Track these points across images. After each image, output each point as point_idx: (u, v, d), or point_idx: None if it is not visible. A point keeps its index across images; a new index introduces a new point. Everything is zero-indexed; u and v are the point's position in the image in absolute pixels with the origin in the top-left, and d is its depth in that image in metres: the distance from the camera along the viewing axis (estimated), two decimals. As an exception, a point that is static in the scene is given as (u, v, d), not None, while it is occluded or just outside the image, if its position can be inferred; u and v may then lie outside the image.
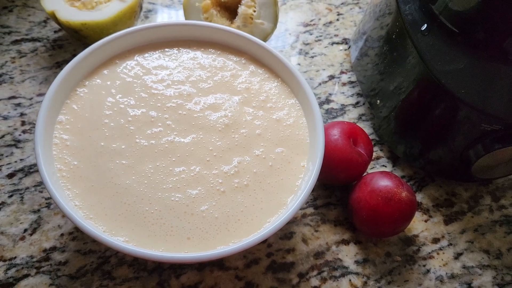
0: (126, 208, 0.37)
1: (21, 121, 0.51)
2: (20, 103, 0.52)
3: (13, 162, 0.48)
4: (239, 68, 0.46)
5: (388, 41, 0.51)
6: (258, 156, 0.41)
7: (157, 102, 0.43)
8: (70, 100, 0.42)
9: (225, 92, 0.45)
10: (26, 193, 0.46)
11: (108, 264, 0.43)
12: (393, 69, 0.50)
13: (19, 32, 0.58)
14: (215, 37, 0.47)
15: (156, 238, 0.36)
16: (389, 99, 0.52)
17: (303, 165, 0.41)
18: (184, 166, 0.40)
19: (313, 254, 0.46)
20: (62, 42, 0.57)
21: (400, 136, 0.52)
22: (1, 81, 0.53)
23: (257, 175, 0.40)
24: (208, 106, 0.43)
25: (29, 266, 0.42)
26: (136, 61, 0.45)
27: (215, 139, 0.42)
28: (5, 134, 0.50)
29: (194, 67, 0.46)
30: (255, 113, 0.44)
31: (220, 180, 0.39)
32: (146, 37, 0.46)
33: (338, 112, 0.56)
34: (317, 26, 0.64)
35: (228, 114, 0.43)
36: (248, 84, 0.45)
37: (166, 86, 0.44)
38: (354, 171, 0.47)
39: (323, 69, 0.60)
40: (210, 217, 0.38)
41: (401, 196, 0.44)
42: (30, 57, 0.56)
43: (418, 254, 0.47)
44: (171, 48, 0.47)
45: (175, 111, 0.43)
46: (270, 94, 0.45)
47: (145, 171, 0.39)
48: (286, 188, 0.40)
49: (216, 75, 0.46)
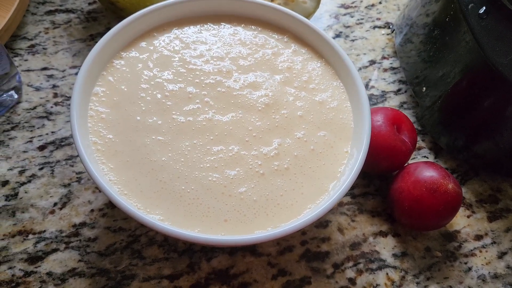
0: (161, 185, 0.36)
1: (53, 93, 0.50)
2: (52, 74, 0.51)
3: (44, 134, 0.47)
4: (281, 46, 0.44)
5: (439, 25, 0.48)
6: (299, 138, 0.39)
7: (195, 78, 0.41)
8: (106, 72, 0.41)
9: (266, 70, 0.43)
10: (56, 166, 0.45)
11: (138, 243, 0.42)
12: (443, 54, 0.48)
13: (53, 2, 0.56)
14: (257, 13, 0.45)
15: (192, 218, 0.35)
16: (435, 87, 0.49)
17: (346, 151, 0.39)
18: (222, 145, 0.38)
19: (349, 245, 0.44)
20: (97, 15, 0.56)
21: (445, 127, 0.50)
22: (35, 51, 0.52)
23: (298, 159, 0.38)
24: (248, 84, 0.41)
25: (58, 240, 0.41)
26: (174, 35, 0.44)
27: (254, 118, 0.40)
28: (37, 105, 0.49)
29: (234, 43, 0.44)
30: (296, 94, 0.42)
31: (259, 162, 0.38)
32: (185, 10, 0.44)
33: (379, 99, 0.54)
34: (358, 8, 0.61)
35: (268, 94, 0.41)
36: (290, 63, 0.43)
37: (205, 61, 0.42)
38: (397, 159, 0.45)
39: (364, 53, 0.57)
40: (248, 200, 0.36)
41: (447, 188, 0.41)
42: (64, 29, 0.54)
43: (460, 250, 0.45)
44: (211, 23, 0.45)
45: (214, 88, 0.41)
46: (313, 75, 0.43)
47: (181, 149, 0.37)
48: (328, 174, 0.38)
49: (257, 53, 0.43)
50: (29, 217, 0.42)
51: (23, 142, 0.46)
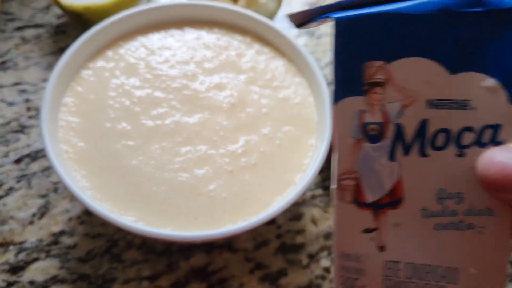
0: (133, 188, 0.37)
1: (26, 107, 0.51)
2: (25, 89, 0.52)
3: (20, 148, 0.48)
4: (244, 47, 0.46)
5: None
6: (265, 135, 0.41)
7: (162, 83, 0.43)
8: (74, 82, 0.42)
9: (230, 71, 0.44)
10: (33, 178, 0.46)
11: (116, 247, 0.43)
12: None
13: (22, 19, 0.57)
14: (219, 16, 0.47)
15: (164, 218, 0.36)
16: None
17: (311, 144, 0.41)
18: (190, 146, 0.39)
19: (323, 235, 0.45)
20: (65, 28, 0.57)
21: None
22: (6, 67, 0.53)
23: (265, 154, 0.40)
24: (214, 86, 0.43)
25: (38, 249, 0.42)
26: (139, 42, 0.45)
27: (221, 118, 0.41)
28: (11, 120, 0.49)
29: (198, 47, 0.45)
30: (261, 92, 0.43)
31: (227, 160, 0.39)
32: (150, 18, 0.46)
33: (346, 92, 0.55)
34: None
35: (234, 94, 0.43)
36: (253, 63, 0.45)
37: (171, 66, 0.44)
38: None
39: (330, 49, 0.59)
40: (217, 197, 0.37)
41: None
42: (34, 44, 0.55)
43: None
44: (175, 29, 0.46)
45: (180, 92, 0.42)
46: (276, 73, 0.44)
47: (151, 152, 0.39)
48: (295, 166, 0.40)
49: (221, 55, 0.45)
50: (9, 229, 0.43)
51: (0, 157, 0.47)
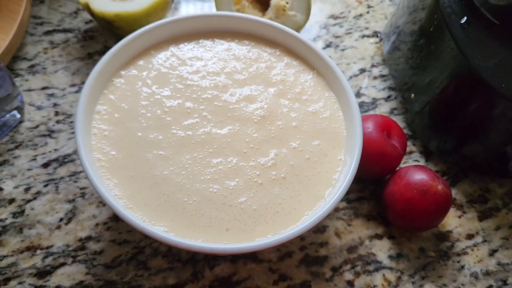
0: (165, 198, 0.37)
1: (54, 111, 0.51)
2: (53, 93, 0.52)
3: (47, 152, 0.48)
4: (274, 59, 0.46)
5: (424, 34, 0.50)
6: (295, 148, 0.41)
7: (193, 93, 0.43)
8: (107, 90, 0.42)
9: (260, 83, 0.44)
10: (61, 182, 0.47)
11: (143, 255, 0.43)
12: (429, 63, 0.50)
13: (50, 23, 0.58)
14: (249, 28, 0.47)
15: (195, 229, 0.36)
16: (423, 93, 0.51)
17: (340, 158, 0.41)
18: (221, 157, 0.40)
19: (346, 248, 0.46)
20: (94, 33, 0.58)
21: (434, 131, 0.52)
22: (35, 71, 0.54)
23: (294, 168, 0.40)
24: (244, 98, 0.43)
25: (65, 254, 0.43)
26: (171, 52, 0.45)
27: (251, 130, 0.41)
28: (39, 124, 0.50)
29: (229, 58, 0.46)
30: (290, 105, 0.43)
31: (257, 172, 0.39)
32: (181, 28, 0.46)
33: (370, 106, 0.56)
34: (347, 18, 0.63)
35: (264, 106, 0.43)
36: (283, 76, 0.45)
37: (202, 77, 0.44)
38: (388, 164, 0.46)
39: (354, 62, 0.59)
40: (248, 209, 0.38)
41: (437, 189, 0.43)
42: (62, 48, 0.56)
43: (452, 250, 0.47)
44: (206, 39, 0.47)
45: (211, 102, 0.43)
46: (306, 87, 0.45)
47: (182, 162, 0.39)
48: (324, 181, 0.40)
49: (251, 67, 0.45)
50: (36, 233, 0.43)
51: (27, 160, 0.47)
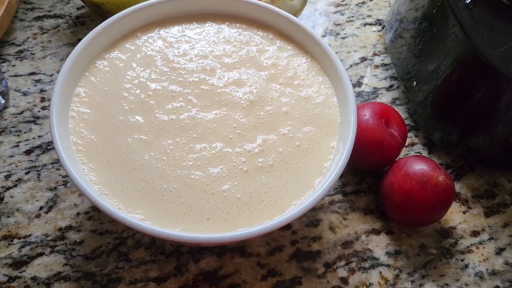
0: (143, 185, 0.35)
1: (40, 97, 0.49)
2: (40, 79, 0.51)
3: (31, 139, 0.46)
4: (266, 43, 0.44)
5: (427, 19, 0.47)
6: (284, 135, 0.38)
7: (179, 76, 0.41)
8: (88, 72, 0.40)
9: (250, 67, 0.42)
10: (43, 170, 0.45)
11: (124, 246, 0.41)
12: (432, 48, 0.47)
13: (41, 8, 0.57)
14: (241, 10, 0.45)
15: (174, 217, 0.34)
16: (426, 81, 0.48)
17: (332, 146, 0.38)
18: (205, 143, 0.37)
19: (341, 244, 0.43)
20: (85, 19, 0.56)
21: (438, 122, 0.49)
22: (22, 57, 0.52)
23: (283, 155, 0.37)
24: (232, 82, 0.41)
25: (43, 244, 0.41)
26: (158, 35, 0.43)
27: (239, 116, 0.39)
28: (24, 110, 0.48)
29: (218, 41, 0.43)
30: (282, 90, 0.41)
31: (243, 159, 0.37)
32: (170, 9, 0.44)
33: (370, 96, 0.53)
34: (348, 6, 0.60)
35: (253, 91, 0.40)
36: (275, 60, 0.43)
37: (189, 60, 0.42)
38: (386, 154, 0.44)
39: (355, 50, 0.56)
40: (231, 197, 0.35)
41: (438, 180, 0.40)
42: (52, 34, 0.54)
43: (456, 247, 0.44)
44: (195, 22, 0.45)
45: (197, 86, 0.40)
46: (299, 71, 0.42)
47: (164, 147, 0.37)
48: (314, 169, 0.37)
49: (242, 50, 0.43)
50: (15, 222, 0.42)
51: (10, 146, 0.46)
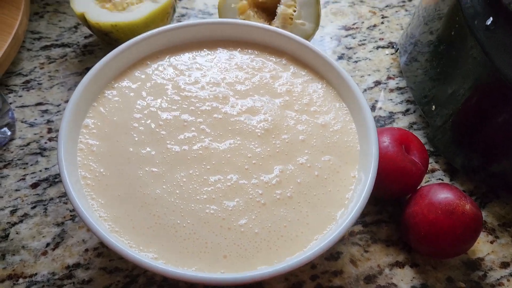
0: (155, 220, 0.33)
1: (47, 128, 0.48)
2: (47, 109, 0.49)
3: (37, 171, 0.45)
4: (280, 69, 0.42)
5: (444, 41, 0.46)
6: (302, 164, 0.37)
7: (191, 105, 0.39)
8: (97, 103, 0.39)
9: (264, 94, 0.40)
10: (50, 204, 0.43)
11: (135, 284, 0.39)
12: (450, 70, 0.45)
13: (49, 37, 0.56)
14: (253, 36, 0.44)
15: (188, 255, 0.32)
16: (444, 105, 0.47)
17: (353, 176, 0.37)
18: (220, 174, 0.35)
19: (363, 278, 0.40)
20: (93, 48, 0.55)
21: (458, 147, 0.47)
22: (29, 87, 0.51)
23: (302, 186, 0.36)
24: (246, 110, 0.39)
25: (50, 284, 0.39)
26: (168, 62, 0.42)
27: (254, 145, 0.37)
28: (30, 141, 0.47)
29: (230, 68, 0.42)
30: (298, 117, 0.39)
31: (260, 191, 0.35)
32: (180, 36, 0.43)
33: (386, 120, 0.51)
34: (360, 29, 0.59)
35: (268, 118, 0.39)
36: (289, 86, 0.41)
37: (201, 88, 0.40)
38: (408, 182, 0.42)
39: (368, 74, 0.55)
40: (249, 233, 0.33)
41: (464, 209, 0.38)
42: (59, 63, 0.53)
43: (485, 280, 0.41)
44: (206, 49, 0.43)
45: (210, 115, 0.39)
46: (314, 97, 0.41)
47: (176, 180, 0.35)
48: (335, 201, 0.35)
49: (255, 76, 0.42)
50: (20, 260, 0.40)
51: (16, 180, 0.44)
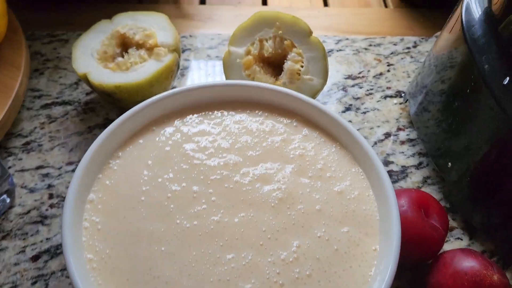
0: (167, 308, 0.31)
1: (48, 193, 0.46)
2: (48, 173, 0.48)
3: (38, 242, 0.43)
4: (291, 131, 0.41)
5: (457, 94, 0.45)
6: (320, 237, 0.35)
7: (200, 174, 0.38)
8: (102, 174, 0.37)
9: (276, 160, 0.39)
10: (51, 279, 0.41)
11: None
12: (464, 122, 0.44)
13: (49, 95, 0.54)
14: (262, 97, 0.42)
15: None
16: (459, 159, 0.45)
17: (374, 249, 0.35)
18: (233, 252, 0.33)
19: None
20: (94, 105, 0.54)
21: (476, 203, 0.45)
22: (29, 149, 0.49)
23: (321, 262, 0.34)
24: (258, 178, 0.38)
25: None
26: (175, 127, 0.41)
27: (268, 217, 0.35)
28: (31, 209, 0.45)
29: (239, 132, 0.41)
30: (312, 185, 0.38)
31: (277, 270, 0.33)
32: (187, 99, 0.42)
33: (399, 175, 0.50)
34: (366, 78, 0.58)
35: (281, 187, 0.37)
36: (302, 150, 0.40)
37: (209, 155, 0.39)
38: (429, 248, 0.40)
39: (378, 125, 0.54)
40: (268, 319, 0.31)
41: (492, 280, 0.36)
42: (60, 122, 0.52)
43: None
44: (214, 111, 0.42)
45: (221, 185, 0.37)
46: (328, 162, 0.39)
47: (188, 260, 0.33)
48: (357, 278, 0.33)
49: (265, 141, 0.40)
50: None
51: (15, 253, 0.42)
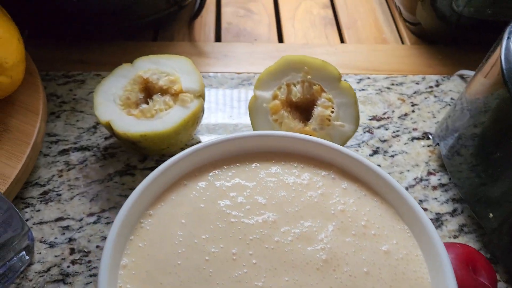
0: None
1: (69, 248, 0.44)
2: (68, 225, 0.45)
3: (60, 304, 0.40)
4: (329, 184, 0.39)
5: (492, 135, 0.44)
6: (370, 304, 0.33)
7: (238, 233, 0.35)
8: (134, 235, 0.35)
9: (316, 217, 0.37)
10: None
11: None
12: (500, 166, 0.42)
13: (67, 140, 0.52)
14: (296, 148, 0.41)
15: None
16: (498, 205, 0.44)
17: (429, 316, 0.33)
18: (280, 323, 0.31)
19: None
20: (114, 150, 0.52)
21: (519, 254, 0.43)
22: (48, 199, 0.47)
23: (374, 333, 0.31)
24: (299, 237, 0.36)
25: None
26: (207, 182, 0.39)
27: (314, 281, 0.33)
28: (51, 266, 0.42)
29: (276, 186, 0.39)
30: (357, 244, 0.36)
31: None
32: (218, 152, 0.40)
33: (434, 224, 0.48)
34: (391, 119, 0.57)
35: (325, 247, 0.35)
36: (342, 205, 0.38)
37: (246, 212, 0.37)
38: (479, 307, 0.38)
39: (408, 170, 0.52)
40: None
41: None
42: (79, 169, 0.50)
43: None
44: (247, 163, 0.40)
45: (261, 245, 0.35)
46: (371, 218, 0.37)
47: (232, 333, 0.31)
48: None
49: (303, 195, 0.38)
50: None
51: (36, 316, 0.39)
